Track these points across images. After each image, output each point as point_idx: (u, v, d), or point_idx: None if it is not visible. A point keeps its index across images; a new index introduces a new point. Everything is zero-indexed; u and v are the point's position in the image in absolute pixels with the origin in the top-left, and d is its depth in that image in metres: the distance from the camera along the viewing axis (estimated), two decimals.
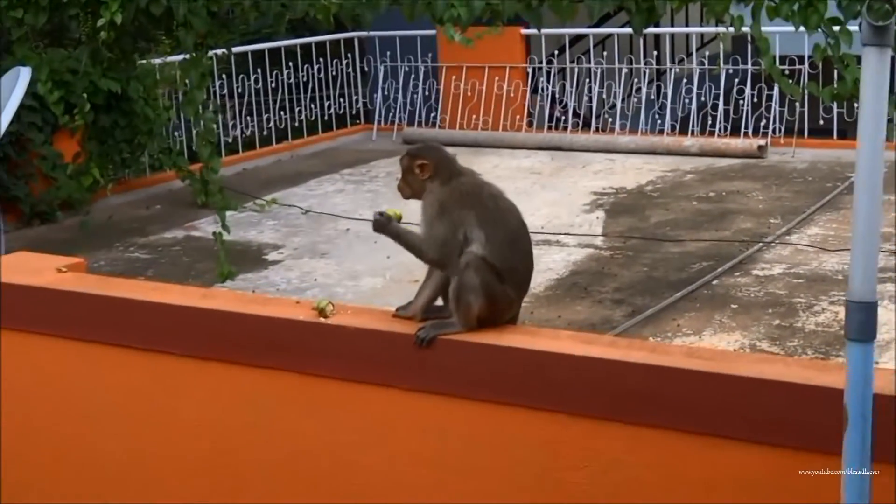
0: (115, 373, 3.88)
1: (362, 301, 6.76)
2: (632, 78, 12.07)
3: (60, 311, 3.94)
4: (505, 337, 3.30)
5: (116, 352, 3.84)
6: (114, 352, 3.84)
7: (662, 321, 6.27)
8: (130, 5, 6.45)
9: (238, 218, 9.02)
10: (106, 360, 3.88)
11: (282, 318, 3.54)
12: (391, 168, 11.09)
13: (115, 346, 3.83)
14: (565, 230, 8.34)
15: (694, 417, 2.95)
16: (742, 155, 10.81)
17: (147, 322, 3.77)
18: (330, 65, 12.73)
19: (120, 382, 3.88)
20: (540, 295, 6.78)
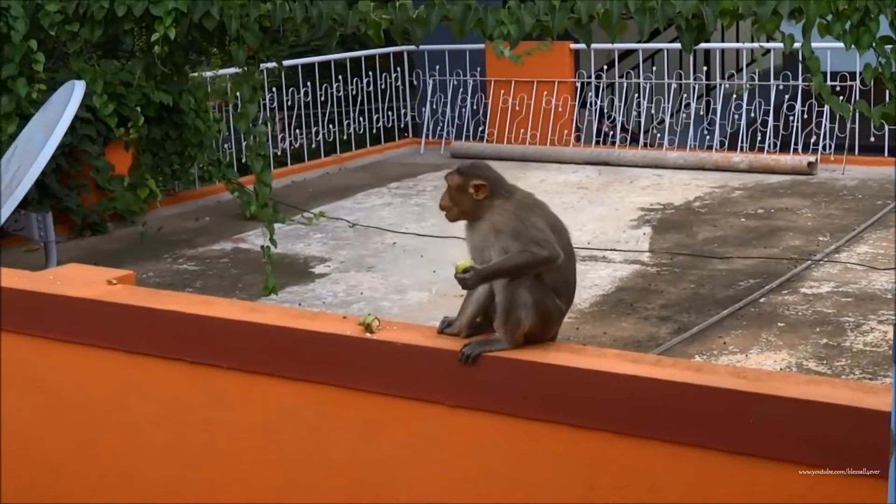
0: (162, 385, 3.92)
1: (408, 315, 6.78)
2: (681, 93, 12.04)
3: (110, 324, 3.98)
4: (550, 354, 3.30)
5: (164, 364, 3.87)
6: (162, 364, 3.88)
7: (708, 339, 6.24)
8: (184, 20, 6.52)
9: (285, 231, 9.07)
10: (154, 373, 3.92)
11: (328, 334, 3.56)
12: (438, 182, 11.10)
13: (164, 358, 3.87)
14: (612, 246, 8.32)
15: (739, 438, 2.94)
16: (791, 171, 10.74)
17: (195, 335, 3.81)
18: (379, 78, 12.79)
19: (167, 395, 3.91)
20: (585, 311, 6.77)
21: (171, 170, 9.84)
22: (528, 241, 3.29)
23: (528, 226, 3.31)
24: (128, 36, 7.06)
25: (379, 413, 3.47)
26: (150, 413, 3.96)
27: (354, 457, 3.54)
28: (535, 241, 3.29)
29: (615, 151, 11.76)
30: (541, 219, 3.36)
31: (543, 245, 3.29)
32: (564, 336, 3.59)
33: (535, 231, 3.31)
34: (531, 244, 3.29)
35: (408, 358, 3.41)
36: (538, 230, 3.31)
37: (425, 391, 3.37)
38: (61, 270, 4.51)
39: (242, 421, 3.75)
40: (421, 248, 8.51)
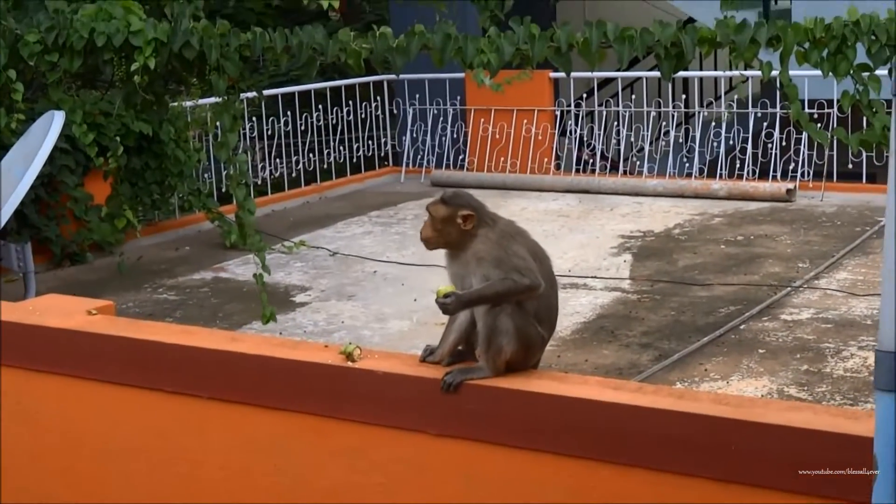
0: (143, 415, 3.90)
1: (389, 344, 6.77)
2: (660, 121, 12.09)
3: (90, 354, 3.96)
4: (532, 382, 3.30)
5: (145, 394, 3.86)
6: (142, 394, 3.87)
7: (690, 366, 6.24)
8: (163, 50, 6.53)
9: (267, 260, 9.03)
10: (135, 403, 3.90)
11: (310, 363, 3.55)
12: (419, 210, 11.12)
13: (144, 388, 3.86)
14: (592, 273, 8.33)
15: (721, 465, 2.94)
16: (770, 198, 10.79)
17: (175, 365, 3.80)
18: (359, 107, 12.81)
19: (148, 425, 3.89)
20: (567, 338, 6.77)
21: (151, 199, 9.83)
22: (509, 269, 3.30)
23: (510, 254, 3.32)
24: (107, 66, 7.02)
25: (361, 442, 3.46)
26: (131, 443, 3.93)
27: (337, 486, 3.53)
28: (517, 270, 3.30)
29: (595, 179, 11.80)
30: (522, 247, 3.37)
31: (525, 273, 3.30)
32: (546, 364, 3.60)
33: (517, 259, 3.31)
34: (513, 272, 3.29)
35: (390, 386, 3.41)
36: (520, 258, 3.32)
37: (408, 420, 3.37)
38: (41, 301, 4.49)
39: (224, 451, 3.74)
40: (402, 276, 8.51)
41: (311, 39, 6.13)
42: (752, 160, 11.26)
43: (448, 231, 3.41)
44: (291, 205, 11.79)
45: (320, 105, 12.29)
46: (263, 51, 6.33)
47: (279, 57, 6.30)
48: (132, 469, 3.94)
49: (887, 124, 4.81)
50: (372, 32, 6.04)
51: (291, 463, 3.59)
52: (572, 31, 5.61)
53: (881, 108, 4.94)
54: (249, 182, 7.14)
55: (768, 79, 5.21)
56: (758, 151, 11.20)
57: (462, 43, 5.75)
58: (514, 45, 5.65)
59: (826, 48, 4.93)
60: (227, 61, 6.38)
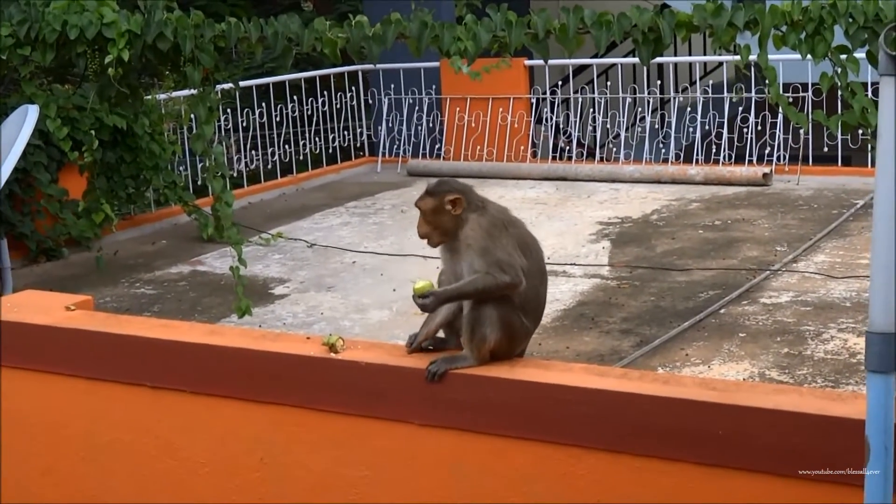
0: (124, 410, 3.86)
1: (370, 334, 6.74)
2: (635, 107, 12.09)
3: (70, 350, 3.92)
4: (517, 370, 3.29)
5: (125, 389, 3.83)
6: (123, 389, 3.83)
7: (671, 351, 6.24)
8: (137, 42, 6.46)
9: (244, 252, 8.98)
10: (115, 398, 3.86)
11: (292, 355, 3.52)
12: (396, 200, 11.09)
13: (125, 383, 3.83)
14: (571, 260, 8.32)
15: (709, 449, 2.93)
16: (747, 183, 10.81)
17: (156, 360, 3.76)
18: (334, 98, 12.75)
19: (129, 420, 3.86)
20: (548, 326, 6.75)
21: (127, 193, 9.75)
22: (492, 262, 3.26)
23: (496, 246, 3.28)
24: (80, 59, 6.95)
25: (346, 433, 3.44)
26: (113, 439, 3.90)
27: (322, 478, 3.50)
28: (498, 265, 3.26)
29: (572, 166, 11.78)
30: (512, 239, 3.33)
31: (507, 270, 3.26)
32: (528, 352, 3.58)
33: (502, 254, 3.28)
34: (494, 267, 3.25)
35: (373, 377, 3.38)
36: (506, 253, 3.28)
37: (392, 410, 3.34)
38: (18, 297, 4.44)
39: (206, 445, 3.70)
40: (380, 266, 8.48)
41: (286, 29, 6.08)
42: (728, 145, 11.28)
43: (441, 221, 3.36)
44: (268, 197, 11.74)
45: (295, 96, 12.23)
46: (238, 41, 6.28)
47: (254, 47, 6.25)
48: (116, 465, 3.90)
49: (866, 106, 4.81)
50: (348, 21, 6.00)
51: (276, 456, 3.57)
52: (549, 18, 5.58)
53: (860, 89, 4.94)
54: (226, 174, 7.07)
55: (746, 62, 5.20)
56: (734, 136, 11.21)
57: (439, 31, 5.72)
58: (491, 32, 5.62)
59: (804, 30, 4.93)
60: (201, 52, 6.33)
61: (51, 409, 4.01)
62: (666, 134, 11.87)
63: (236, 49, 6.40)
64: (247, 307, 6.68)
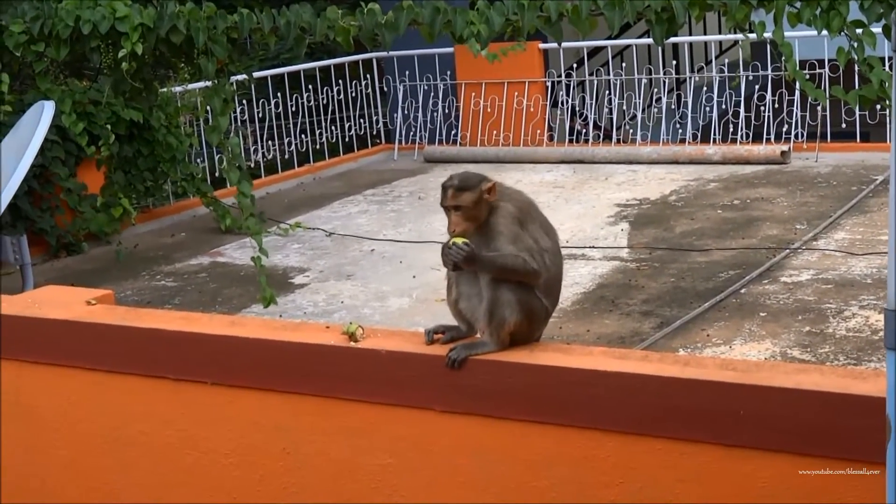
0: (145, 403, 3.88)
1: (390, 322, 6.75)
2: (651, 88, 12.04)
3: (92, 344, 3.94)
4: (537, 355, 3.28)
5: (147, 382, 3.84)
6: (144, 382, 3.85)
7: (692, 332, 6.23)
8: (150, 35, 6.47)
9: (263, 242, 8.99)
10: (137, 391, 3.88)
11: (313, 344, 3.53)
12: (413, 187, 11.09)
13: (147, 376, 3.84)
14: (590, 243, 8.31)
15: (730, 430, 2.92)
16: (765, 161, 10.76)
17: (177, 352, 3.77)
18: (349, 86, 12.75)
19: (152, 413, 3.87)
20: (568, 309, 6.75)
21: (145, 187, 9.78)
22: (522, 249, 3.28)
23: (526, 233, 3.31)
24: (94, 54, 6.97)
25: (367, 421, 3.44)
26: (135, 432, 3.91)
27: (344, 467, 3.51)
28: (529, 251, 3.28)
29: (589, 149, 11.76)
30: (539, 228, 3.35)
31: (535, 257, 3.29)
32: (548, 335, 3.58)
33: (532, 241, 3.31)
34: (525, 252, 3.27)
35: (394, 365, 3.39)
36: (534, 241, 3.31)
37: (413, 397, 3.35)
38: (39, 293, 4.46)
39: (229, 436, 3.72)
40: (399, 254, 8.48)
41: (298, 18, 6.07)
42: (746, 124, 11.22)
43: (478, 213, 3.32)
44: (285, 187, 11.75)
45: (310, 85, 12.23)
46: (251, 32, 6.28)
47: (267, 37, 6.25)
48: (138, 459, 3.92)
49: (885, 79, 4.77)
50: (360, 9, 5.99)
51: (298, 446, 3.57)
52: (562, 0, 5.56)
53: (877, 63, 4.90)
54: (243, 165, 7.08)
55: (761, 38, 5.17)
56: (751, 115, 11.15)
57: (451, 16, 5.70)
58: (504, 16, 5.60)
59: (819, 5, 4.89)
60: (214, 44, 6.33)
61: (72, 404, 4.03)
62: (683, 114, 11.83)
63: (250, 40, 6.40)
64: (271, 297, 6.69)
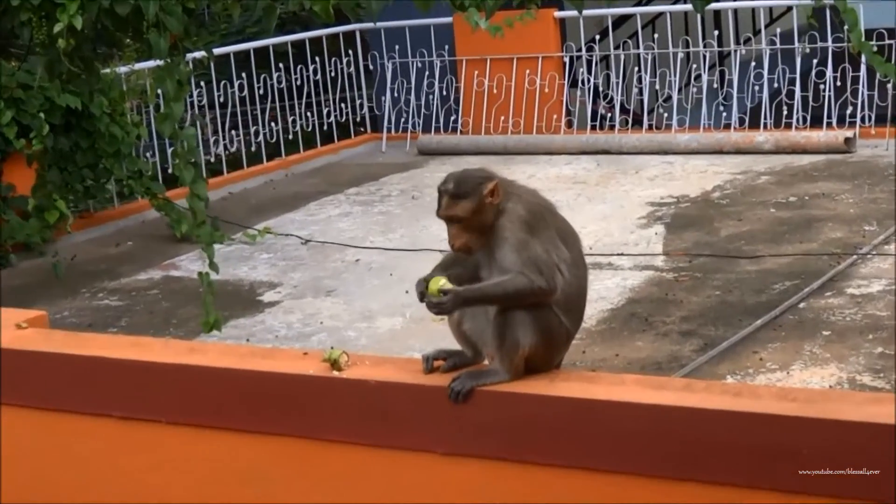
0: (87, 446, 3.86)
1: (379, 346, 6.75)
2: (689, 64, 12.05)
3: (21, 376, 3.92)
4: (558, 385, 3.27)
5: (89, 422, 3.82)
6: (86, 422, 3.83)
7: (741, 355, 6.24)
8: (91, 6, 6.47)
9: (225, 252, 9.02)
10: (77, 432, 3.86)
11: (287, 374, 3.52)
12: (405, 185, 11.10)
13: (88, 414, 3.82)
14: (619, 250, 8.32)
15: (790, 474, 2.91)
16: (826, 150, 10.77)
17: (125, 385, 3.76)
18: (328, 65, 12.76)
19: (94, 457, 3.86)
20: (592, 330, 6.75)
21: (84, 186, 9.78)
22: (527, 261, 3.24)
23: (535, 241, 3.27)
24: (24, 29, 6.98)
25: (355, 467, 3.43)
26: (77, 479, 3.90)
27: None
28: (535, 264, 3.24)
29: (615, 137, 11.77)
30: (555, 235, 3.32)
31: (543, 271, 3.24)
32: (569, 361, 3.58)
33: (540, 252, 3.26)
34: (530, 266, 3.23)
35: (386, 399, 3.37)
36: (544, 251, 3.27)
37: (409, 438, 3.34)
38: None
39: (189, 484, 3.70)
40: (389, 264, 8.49)
41: None
42: (802, 105, 11.23)
43: (483, 221, 3.31)
44: (252, 185, 11.76)
45: (281, 64, 12.24)
46: (211, 1, 6.29)
47: (230, 7, 6.26)
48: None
49: None
50: None
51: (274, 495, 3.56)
52: None
53: None
54: (199, 160, 7.09)
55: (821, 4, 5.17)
56: (808, 95, 11.16)
57: None
58: None
59: None
60: (167, 16, 6.33)
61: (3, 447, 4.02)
62: (727, 95, 11.84)
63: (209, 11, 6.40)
64: (216, 321, 6.69)
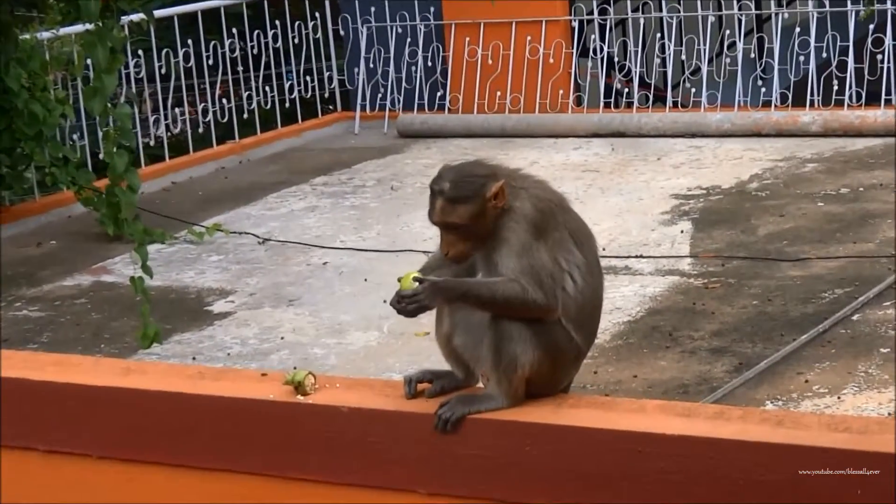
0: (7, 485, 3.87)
1: (352, 366, 6.74)
2: (722, 30, 12.07)
3: None
4: (565, 412, 3.29)
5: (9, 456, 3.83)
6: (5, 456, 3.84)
7: (784, 377, 6.24)
8: None
9: (168, 254, 9.01)
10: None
11: (242, 399, 3.53)
12: (382, 173, 11.10)
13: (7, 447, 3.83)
14: (637, 251, 8.31)
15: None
16: (884, 133, 10.78)
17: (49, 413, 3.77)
18: (290, 29, 12.75)
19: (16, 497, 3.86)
20: (606, 346, 6.75)
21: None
22: (527, 268, 3.26)
23: (540, 247, 3.29)
24: None
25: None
26: None
27: None
28: (535, 274, 3.26)
29: (633, 116, 11.77)
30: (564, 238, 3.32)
31: (543, 285, 3.26)
32: (578, 384, 3.59)
33: (545, 260, 3.29)
34: (528, 276, 3.26)
35: (360, 428, 3.38)
36: (551, 259, 3.29)
37: (389, 475, 3.35)
38: None
39: None
40: (363, 268, 8.48)
41: None
42: (856, 79, 11.24)
43: (483, 226, 3.34)
44: (199, 173, 11.74)
45: (234, 29, 12.22)
46: None
47: None
48: None
49: None
50: None
51: None
52: None
53: None
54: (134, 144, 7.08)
55: None
56: (863, 66, 11.18)
57: None
58: None
59: None
60: None
61: None
62: (766, 66, 11.85)
63: None
64: (155, 334, 6.69)
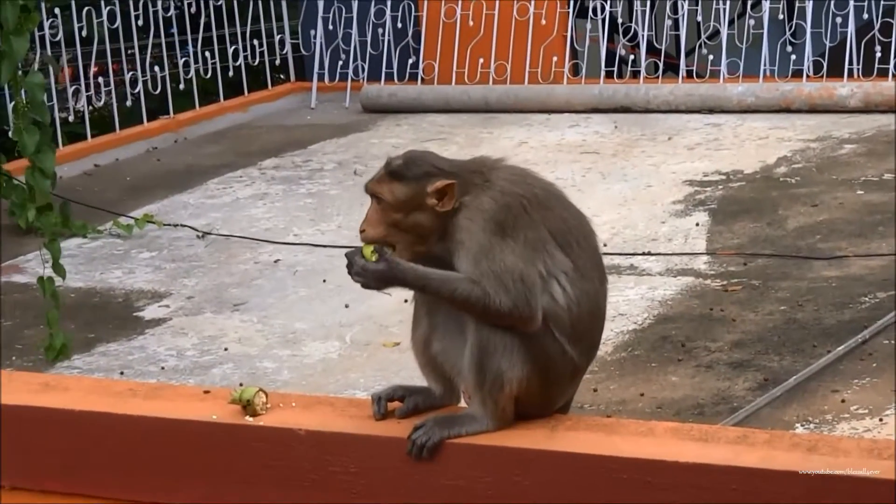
0: None
1: (309, 382, 6.76)
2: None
3: None
4: (560, 436, 3.31)
5: None
6: None
7: (816, 395, 6.27)
8: None
9: (90, 250, 9.02)
10: None
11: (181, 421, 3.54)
12: (344, 154, 11.10)
13: None
14: (645, 248, 8.33)
15: None
16: None
17: None
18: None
19: None
20: (608, 359, 6.77)
21: None
22: (487, 272, 3.29)
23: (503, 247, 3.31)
24: None
25: None
26: None
27: None
28: (498, 277, 3.29)
29: (640, 88, 11.79)
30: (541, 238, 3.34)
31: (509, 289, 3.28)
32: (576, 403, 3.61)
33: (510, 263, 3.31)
34: (490, 279, 3.28)
35: (320, 454, 3.40)
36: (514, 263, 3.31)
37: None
38: None
39: None
40: (322, 267, 8.49)
41: None
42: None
43: (413, 221, 3.41)
44: (128, 154, 11.73)
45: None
46: None
47: None
48: None
49: None
50: None
51: None
52: None
53: None
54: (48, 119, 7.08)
55: None
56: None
57: None
58: None
59: None
60: None
61: None
62: (797, 30, 11.88)
63: None
64: (63, 346, 6.69)
